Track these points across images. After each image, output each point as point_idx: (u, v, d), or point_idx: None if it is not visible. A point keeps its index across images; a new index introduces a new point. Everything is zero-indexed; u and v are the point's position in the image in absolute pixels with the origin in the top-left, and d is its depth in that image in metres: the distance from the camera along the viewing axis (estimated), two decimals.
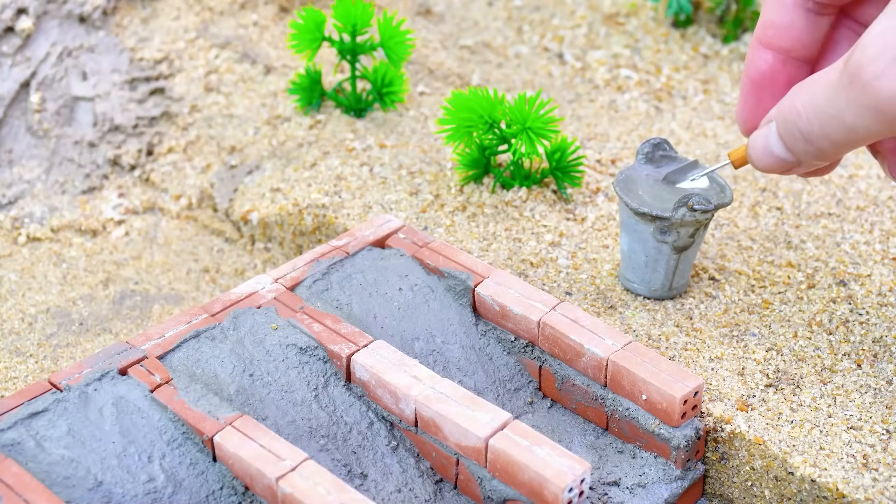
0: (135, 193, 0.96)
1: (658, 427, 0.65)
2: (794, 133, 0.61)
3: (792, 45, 0.65)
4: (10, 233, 0.92)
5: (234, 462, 0.61)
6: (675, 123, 0.98)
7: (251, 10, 1.09)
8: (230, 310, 0.70)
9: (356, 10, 0.92)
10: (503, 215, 0.83)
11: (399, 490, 0.64)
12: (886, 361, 0.70)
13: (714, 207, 0.70)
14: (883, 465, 0.63)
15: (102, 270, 0.89)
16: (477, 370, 0.70)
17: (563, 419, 0.70)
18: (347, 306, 0.71)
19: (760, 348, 0.71)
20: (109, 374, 0.64)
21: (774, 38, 0.65)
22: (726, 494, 0.68)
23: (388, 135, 0.94)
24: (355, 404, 0.66)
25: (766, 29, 0.66)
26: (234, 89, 1.01)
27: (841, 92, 0.57)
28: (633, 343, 0.67)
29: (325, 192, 0.87)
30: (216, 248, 0.93)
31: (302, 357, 0.67)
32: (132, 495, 0.60)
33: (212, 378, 0.66)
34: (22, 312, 0.84)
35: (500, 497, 0.62)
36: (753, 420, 0.66)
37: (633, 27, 1.12)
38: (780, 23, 0.65)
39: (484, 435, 0.61)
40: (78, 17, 1.01)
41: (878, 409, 0.67)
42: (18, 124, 0.96)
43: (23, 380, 0.77)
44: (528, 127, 0.81)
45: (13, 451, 0.60)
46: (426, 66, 1.05)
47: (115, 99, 0.99)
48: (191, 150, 0.97)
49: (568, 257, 0.79)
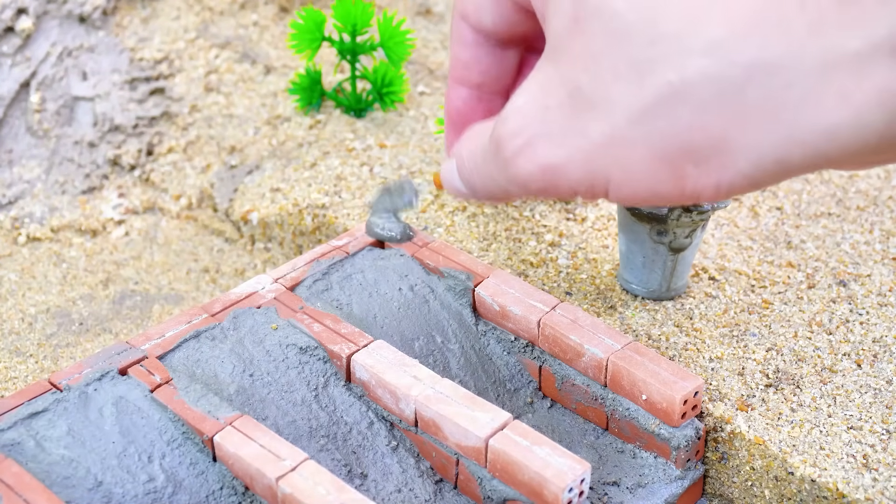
0: (135, 193, 0.96)
1: (658, 427, 0.65)
2: (464, 177, 0.60)
3: (482, 79, 0.63)
4: (10, 233, 0.92)
5: (234, 462, 0.61)
6: None
7: (251, 10, 1.09)
8: (230, 310, 0.70)
9: (356, 10, 0.92)
10: (503, 215, 0.83)
11: (399, 490, 0.64)
12: (886, 361, 0.70)
13: (711, 209, 0.70)
14: (883, 465, 0.63)
15: (102, 270, 0.89)
16: (477, 370, 0.70)
17: (563, 419, 0.70)
18: (347, 306, 0.71)
19: (760, 348, 0.71)
20: (109, 374, 0.64)
21: (464, 75, 0.63)
22: (726, 494, 0.68)
23: (388, 135, 0.94)
24: (355, 404, 0.66)
25: (455, 67, 0.63)
26: (234, 89, 1.01)
27: (489, 157, 0.56)
28: (633, 343, 0.67)
29: (325, 192, 0.87)
30: (216, 248, 0.93)
31: (302, 357, 0.67)
32: (132, 495, 0.60)
33: (212, 378, 0.66)
34: (22, 312, 0.84)
35: (500, 497, 0.62)
36: (753, 420, 0.66)
37: None
38: (465, 60, 0.62)
39: (484, 435, 0.61)
40: (78, 17, 1.01)
41: (878, 409, 0.67)
42: (18, 124, 0.96)
43: (23, 380, 0.77)
44: None
45: (13, 451, 0.60)
46: (426, 66, 1.05)
47: (115, 99, 0.99)
48: (191, 150, 0.97)
49: (568, 257, 0.79)
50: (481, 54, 0.62)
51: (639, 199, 0.51)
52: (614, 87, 0.49)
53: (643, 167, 0.50)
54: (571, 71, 0.51)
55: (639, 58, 0.48)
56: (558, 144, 0.52)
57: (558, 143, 0.52)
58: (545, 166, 0.52)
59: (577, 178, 0.52)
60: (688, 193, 0.50)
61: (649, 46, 0.48)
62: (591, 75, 0.50)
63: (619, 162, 0.50)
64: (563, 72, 0.51)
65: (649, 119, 0.48)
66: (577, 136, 0.51)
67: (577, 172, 0.52)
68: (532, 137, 0.53)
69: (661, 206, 0.61)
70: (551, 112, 0.52)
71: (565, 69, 0.51)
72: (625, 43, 0.48)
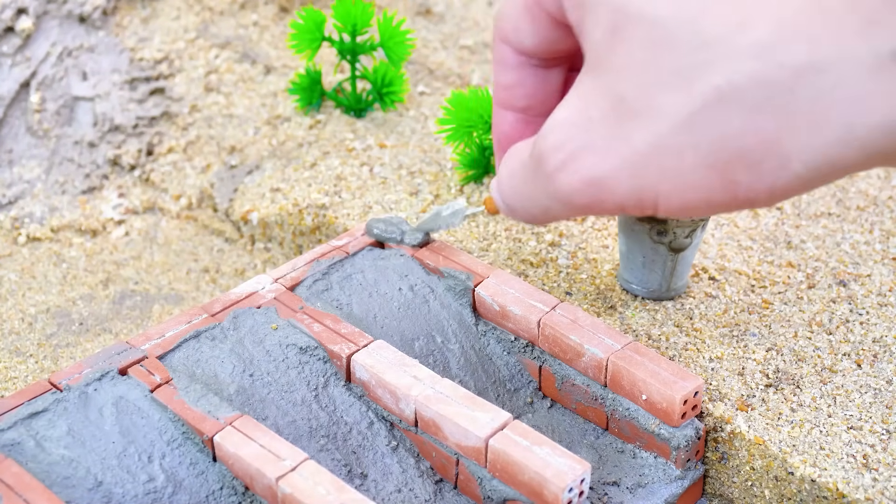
0: (135, 193, 0.96)
1: (658, 427, 0.65)
2: (504, 197, 0.59)
3: (528, 102, 0.62)
4: (10, 233, 0.92)
5: (234, 462, 0.61)
6: None
7: (251, 10, 1.09)
8: (230, 310, 0.70)
9: (356, 10, 0.92)
10: (503, 215, 0.83)
11: (399, 490, 0.64)
12: (886, 361, 0.70)
13: None
14: (883, 465, 0.63)
15: (102, 270, 0.89)
16: (477, 370, 0.70)
17: (563, 419, 0.70)
18: (347, 306, 0.71)
19: (760, 348, 0.71)
20: (109, 374, 0.64)
21: (509, 99, 0.62)
22: (726, 494, 0.68)
23: (388, 135, 0.94)
24: (355, 404, 0.66)
25: (499, 91, 0.62)
26: (234, 89, 1.01)
27: (530, 174, 0.55)
28: (633, 343, 0.67)
29: (325, 192, 0.87)
30: (216, 248, 0.93)
31: (302, 357, 0.67)
32: (132, 495, 0.60)
33: (212, 378, 0.66)
34: (22, 312, 0.84)
35: (500, 497, 0.62)
36: (753, 420, 0.66)
37: None
38: (509, 83, 0.61)
39: (484, 435, 0.61)
40: (78, 17, 1.01)
41: (878, 409, 0.67)
42: (18, 124, 0.96)
43: (23, 380, 0.77)
44: None
45: (13, 451, 0.60)
46: (426, 66, 1.05)
47: (115, 99, 0.99)
48: (191, 150, 0.97)
49: (568, 257, 0.79)
50: (525, 76, 0.61)
51: (690, 209, 0.50)
52: (659, 95, 0.48)
53: (693, 176, 0.48)
54: (614, 81, 0.50)
55: (684, 64, 0.47)
56: (603, 156, 0.50)
57: (603, 155, 0.50)
58: (590, 179, 0.51)
59: (624, 191, 0.51)
60: (741, 200, 0.49)
61: (694, 52, 0.47)
62: (634, 85, 0.49)
63: (668, 172, 0.49)
64: (605, 83, 0.50)
65: (697, 126, 0.47)
66: (622, 147, 0.50)
67: (623, 185, 0.51)
68: (575, 150, 0.51)
69: (712, 214, 0.59)
70: (594, 124, 0.51)
71: (607, 80, 0.50)
72: (668, 50, 0.47)
